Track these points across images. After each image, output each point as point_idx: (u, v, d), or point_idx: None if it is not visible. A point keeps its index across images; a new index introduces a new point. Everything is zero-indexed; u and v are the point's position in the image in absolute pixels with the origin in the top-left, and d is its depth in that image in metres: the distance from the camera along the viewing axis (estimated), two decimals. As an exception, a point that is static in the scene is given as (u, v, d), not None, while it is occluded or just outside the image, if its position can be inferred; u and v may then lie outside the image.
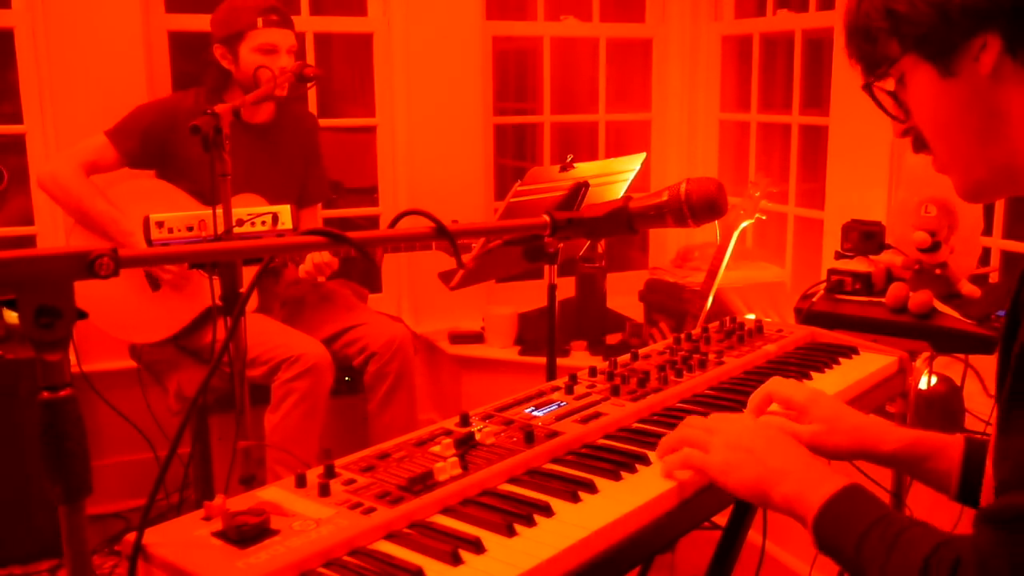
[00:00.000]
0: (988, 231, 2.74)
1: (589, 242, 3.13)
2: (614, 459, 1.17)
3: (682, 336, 1.69)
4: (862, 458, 1.22)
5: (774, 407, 1.29)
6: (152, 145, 2.74)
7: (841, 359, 1.62)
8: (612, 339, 3.45)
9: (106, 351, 3.01)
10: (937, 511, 1.18)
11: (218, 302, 1.91)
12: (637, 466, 1.16)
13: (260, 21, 2.70)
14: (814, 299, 2.17)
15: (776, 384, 1.29)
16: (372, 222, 3.65)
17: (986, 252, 2.76)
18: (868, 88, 1.06)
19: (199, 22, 3.32)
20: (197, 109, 2.05)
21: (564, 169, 2.34)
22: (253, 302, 2.82)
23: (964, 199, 1.07)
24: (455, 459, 1.12)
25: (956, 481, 1.18)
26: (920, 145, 1.07)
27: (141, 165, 2.81)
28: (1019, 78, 0.94)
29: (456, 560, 0.93)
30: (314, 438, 2.64)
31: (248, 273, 2.00)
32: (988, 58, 0.94)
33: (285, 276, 2.97)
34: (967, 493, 1.17)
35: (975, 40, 0.94)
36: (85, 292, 2.83)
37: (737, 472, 1.08)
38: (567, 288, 3.40)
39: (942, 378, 2.35)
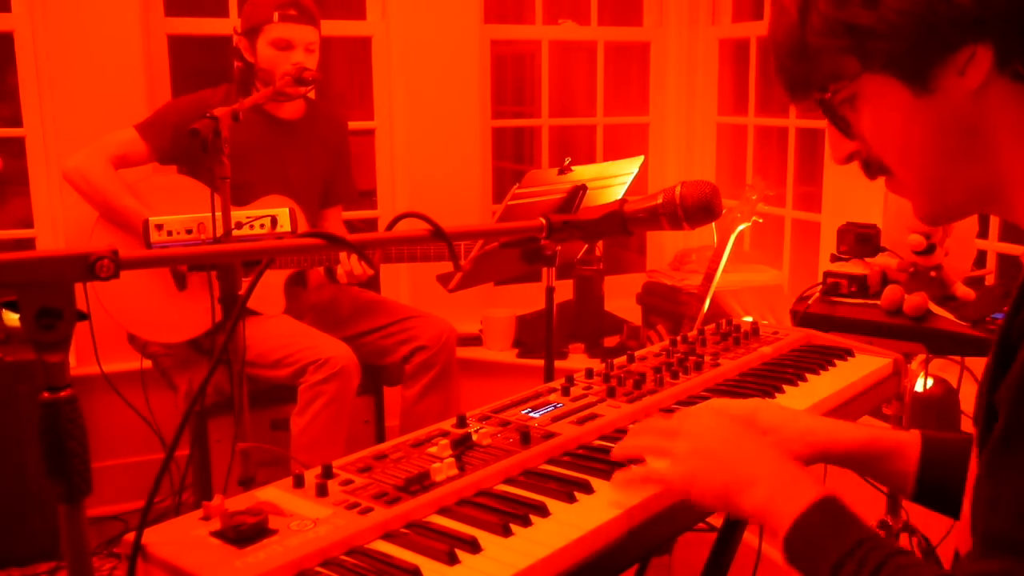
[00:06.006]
0: (984, 234, 2.76)
1: (587, 245, 3.15)
2: (609, 459, 1.18)
3: (678, 338, 1.70)
4: (817, 461, 1.17)
5: None
6: (182, 141, 2.73)
7: (836, 361, 1.63)
8: (610, 342, 3.45)
9: (107, 352, 3.01)
10: (935, 514, 1.18)
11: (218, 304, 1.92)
12: (632, 466, 1.17)
13: (276, 15, 2.67)
14: (810, 301, 2.18)
15: (715, 403, 1.28)
16: (370, 225, 3.66)
17: (981, 255, 2.77)
18: (828, 104, 0.93)
19: (198, 26, 3.34)
20: (228, 105, 2.05)
21: (562, 172, 2.35)
22: (281, 305, 2.82)
23: (926, 223, 0.98)
24: (452, 460, 1.13)
25: (912, 481, 1.14)
26: (876, 170, 0.97)
27: (169, 160, 2.79)
28: (1005, 92, 0.85)
29: (452, 559, 0.94)
30: (340, 440, 2.62)
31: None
32: (977, 71, 0.84)
33: (311, 280, 2.97)
34: (923, 494, 1.14)
35: (961, 52, 0.84)
36: (111, 290, 2.74)
37: (703, 481, 1.01)
38: (565, 291, 3.41)
39: (938, 380, 2.36)
